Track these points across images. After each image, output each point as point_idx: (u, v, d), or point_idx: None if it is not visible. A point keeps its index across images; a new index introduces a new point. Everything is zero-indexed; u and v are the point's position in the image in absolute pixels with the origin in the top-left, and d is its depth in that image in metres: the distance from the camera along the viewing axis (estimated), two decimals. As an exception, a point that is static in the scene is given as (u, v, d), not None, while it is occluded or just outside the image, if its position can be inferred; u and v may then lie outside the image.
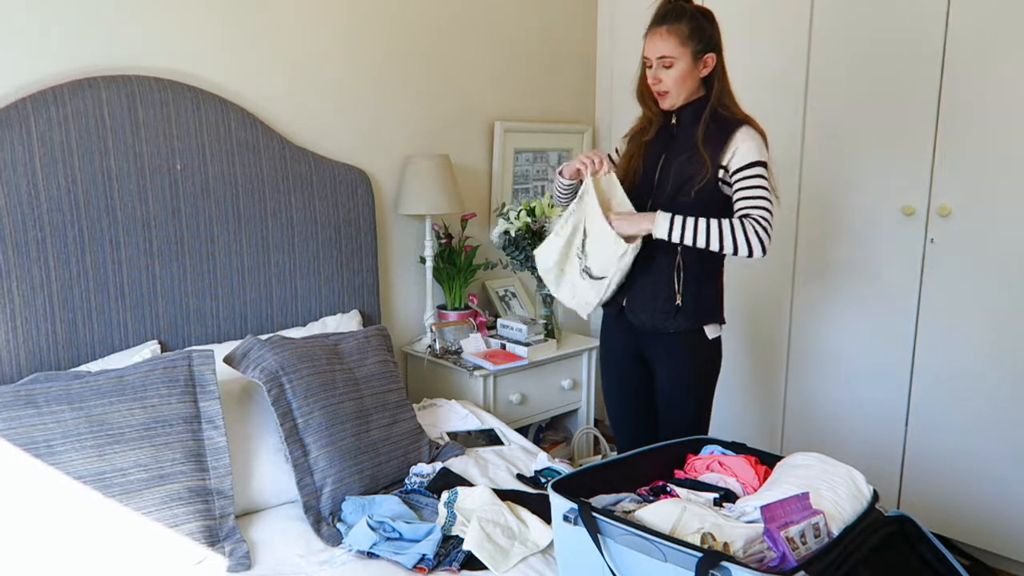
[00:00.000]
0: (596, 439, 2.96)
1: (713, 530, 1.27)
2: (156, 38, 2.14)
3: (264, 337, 2.02)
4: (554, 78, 3.28)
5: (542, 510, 1.72)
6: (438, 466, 2.02)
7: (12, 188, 1.87)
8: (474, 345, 2.69)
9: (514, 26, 3.08)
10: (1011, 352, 2.41)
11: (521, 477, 2.05)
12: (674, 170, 1.94)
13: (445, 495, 1.79)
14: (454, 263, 2.85)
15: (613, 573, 1.30)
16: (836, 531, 1.32)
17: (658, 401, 2.09)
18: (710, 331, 2.00)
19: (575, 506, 1.37)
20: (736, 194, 1.86)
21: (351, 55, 2.59)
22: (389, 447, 2.01)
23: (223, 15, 2.26)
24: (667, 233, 1.85)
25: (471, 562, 1.61)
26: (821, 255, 2.81)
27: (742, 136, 1.86)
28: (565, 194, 2.06)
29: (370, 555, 1.64)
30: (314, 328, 2.39)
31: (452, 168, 2.73)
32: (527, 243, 2.71)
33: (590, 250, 1.95)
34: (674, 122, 1.99)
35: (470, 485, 1.92)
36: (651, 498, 1.48)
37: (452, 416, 2.42)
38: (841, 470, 1.48)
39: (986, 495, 2.50)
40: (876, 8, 2.57)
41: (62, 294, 1.96)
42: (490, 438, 2.30)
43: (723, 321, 2.04)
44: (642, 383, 2.12)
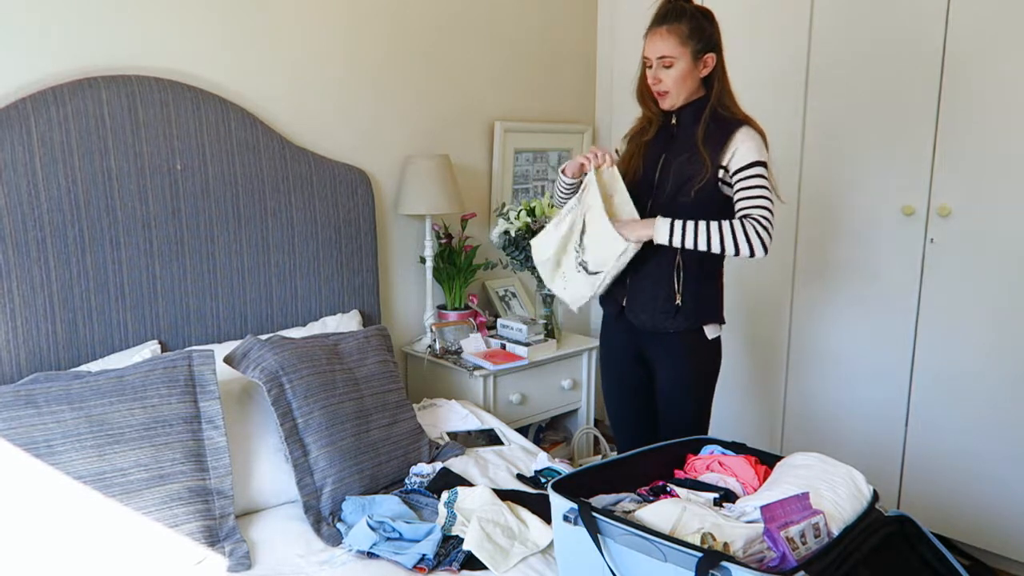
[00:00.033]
0: (596, 439, 2.96)
1: (713, 530, 1.27)
2: (156, 38, 2.14)
3: (264, 337, 2.02)
4: (554, 78, 3.28)
5: (542, 510, 1.72)
6: (438, 466, 2.02)
7: (12, 188, 1.87)
8: (474, 345, 2.69)
9: (514, 26, 3.08)
10: (1011, 352, 2.41)
11: (521, 477, 2.05)
12: (674, 170, 1.94)
13: (445, 495, 1.79)
14: (454, 263, 2.85)
15: (613, 573, 1.30)
16: (836, 531, 1.32)
17: (658, 401, 2.09)
18: (710, 331, 2.00)
19: (575, 506, 1.37)
20: (736, 194, 1.86)
21: (351, 55, 2.59)
22: (389, 447, 2.01)
23: (223, 15, 2.26)
24: (668, 238, 1.85)
25: (471, 562, 1.61)
26: (821, 255, 2.81)
27: (742, 136, 1.87)
28: (567, 193, 2.06)
29: (370, 555, 1.64)
30: (314, 328, 2.39)
31: (452, 168, 2.73)
32: (527, 243, 2.71)
33: (588, 244, 1.95)
34: (674, 122, 1.99)
35: (470, 485, 1.92)
36: (651, 498, 1.48)
37: (452, 416, 2.42)
38: (841, 470, 1.48)
39: (986, 495, 2.50)
40: (876, 8, 2.57)
41: (62, 294, 1.96)
42: (490, 438, 2.30)
43: (723, 321, 2.04)
44: (642, 383, 2.12)
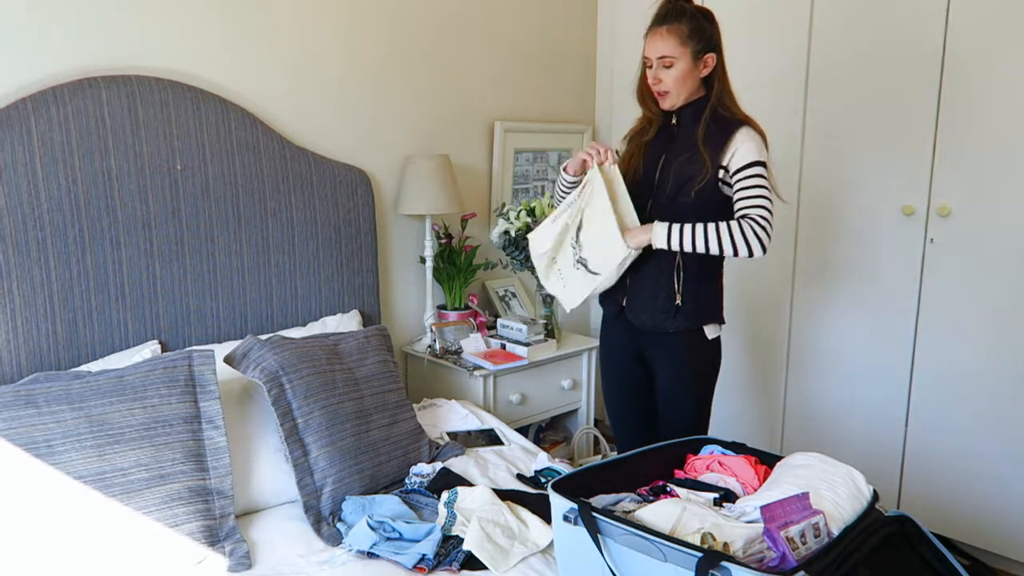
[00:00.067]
0: (596, 439, 2.96)
1: (713, 530, 1.27)
2: (156, 38, 2.14)
3: (264, 337, 2.02)
4: (554, 78, 3.28)
5: (542, 510, 1.72)
6: (438, 466, 2.02)
7: (12, 188, 1.87)
8: (474, 345, 2.69)
9: (514, 26, 3.08)
10: (1011, 352, 2.41)
11: (521, 477, 2.05)
12: (674, 170, 1.94)
13: (445, 495, 1.79)
14: (454, 263, 2.85)
15: (613, 573, 1.30)
16: (836, 531, 1.32)
17: (658, 401, 2.09)
18: (710, 331, 2.00)
19: (575, 506, 1.37)
20: (735, 194, 1.87)
21: (351, 55, 2.59)
22: (389, 447, 2.01)
23: (223, 15, 2.26)
24: (666, 243, 1.85)
25: (471, 562, 1.61)
26: (821, 255, 2.81)
27: (742, 137, 1.87)
28: (568, 191, 2.06)
29: (370, 555, 1.64)
30: (314, 328, 2.39)
31: (452, 168, 2.73)
32: (527, 243, 2.70)
33: (585, 241, 1.94)
34: (674, 122, 1.99)
35: (470, 485, 1.91)
36: (651, 498, 1.48)
37: (452, 416, 2.42)
38: (841, 470, 1.48)
39: (986, 495, 2.50)
40: (876, 8, 2.57)
41: (62, 294, 1.96)
42: (490, 438, 2.30)
43: (723, 321, 2.04)
44: (642, 383, 2.12)
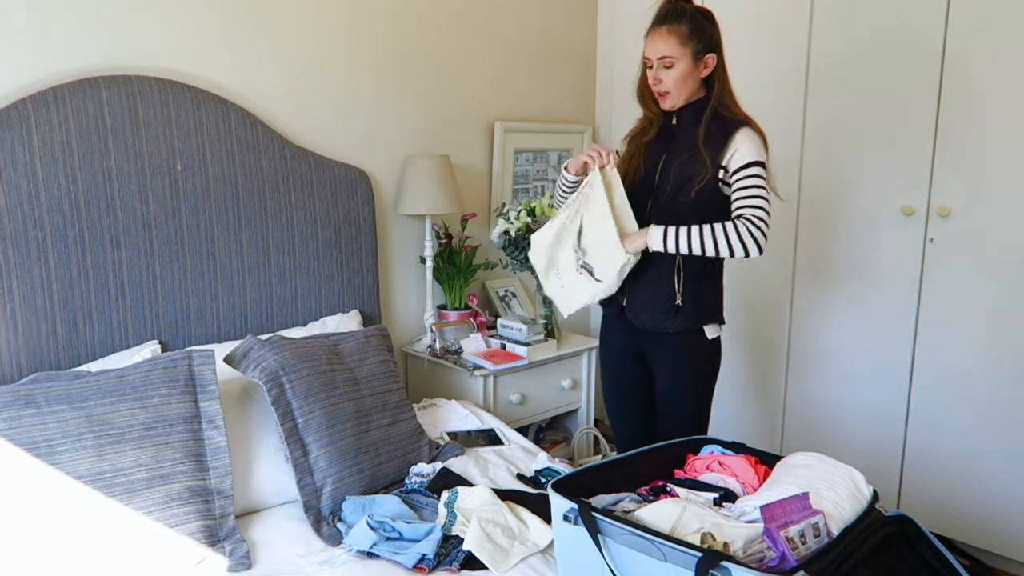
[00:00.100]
0: (596, 439, 2.96)
1: (713, 530, 1.27)
2: (156, 38, 2.14)
3: (264, 337, 2.02)
4: (554, 78, 3.28)
5: (542, 510, 1.72)
6: (438, 466, 2.02)
7: (12, 188, 1.87)
8: (474, 345, 2.69)
9: (514, 26, 3.08)
10: (1011, 352, 2.41)
11: (521, 477, 2.05)
12: (674, 170, 1.94)
13: (445, 495, 1.79)
14: (454, 263, 2.85)
15: (613, 573, 1.30)
16: (836, 531, 1.32)
17: (658, 401, 2.09)
18: (710, 331, 2.00)
19: (575, 506, 1.37)
20: (733, 195, 1.87)
21: (351, 55, 2.59)
22: (389, 447, 2.01)
23: (223, 15, 2.26)
24: (662, 245, 1.86)
25: (471, 562, 1.61)
26: (821, 255, 2.81)
27: (742, 137, 1.87)
28: (568, 191, 2.06)
29: (370, 555, 1.64)
30: (314, 328, 2.39)
31: (452, 168, 2.73)
32: (527, 243, 2.71)
33: (587, 245, 1.95)
34: (674, 122, 1.99)
35: (470, 485, 1.92)
36: (651, 498, 1.48)
37: (452, 416, 2.42)
38: (841, 470, 1.48)
39: (986, 495, 2.50)
40: (876, 8, 2.57)
41: (62, 294, 1.96)
42: (490, 438, 2.30)
43: (723, 321, 2.04)
44: (642, 383, 2.12)
